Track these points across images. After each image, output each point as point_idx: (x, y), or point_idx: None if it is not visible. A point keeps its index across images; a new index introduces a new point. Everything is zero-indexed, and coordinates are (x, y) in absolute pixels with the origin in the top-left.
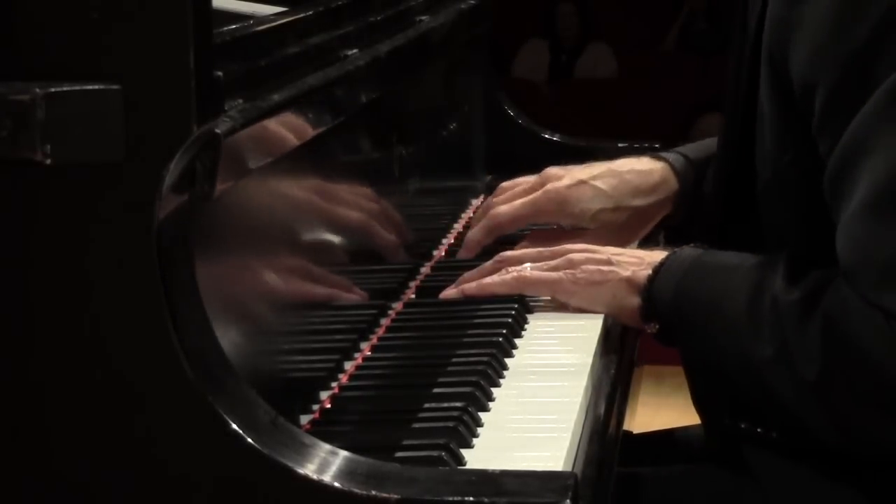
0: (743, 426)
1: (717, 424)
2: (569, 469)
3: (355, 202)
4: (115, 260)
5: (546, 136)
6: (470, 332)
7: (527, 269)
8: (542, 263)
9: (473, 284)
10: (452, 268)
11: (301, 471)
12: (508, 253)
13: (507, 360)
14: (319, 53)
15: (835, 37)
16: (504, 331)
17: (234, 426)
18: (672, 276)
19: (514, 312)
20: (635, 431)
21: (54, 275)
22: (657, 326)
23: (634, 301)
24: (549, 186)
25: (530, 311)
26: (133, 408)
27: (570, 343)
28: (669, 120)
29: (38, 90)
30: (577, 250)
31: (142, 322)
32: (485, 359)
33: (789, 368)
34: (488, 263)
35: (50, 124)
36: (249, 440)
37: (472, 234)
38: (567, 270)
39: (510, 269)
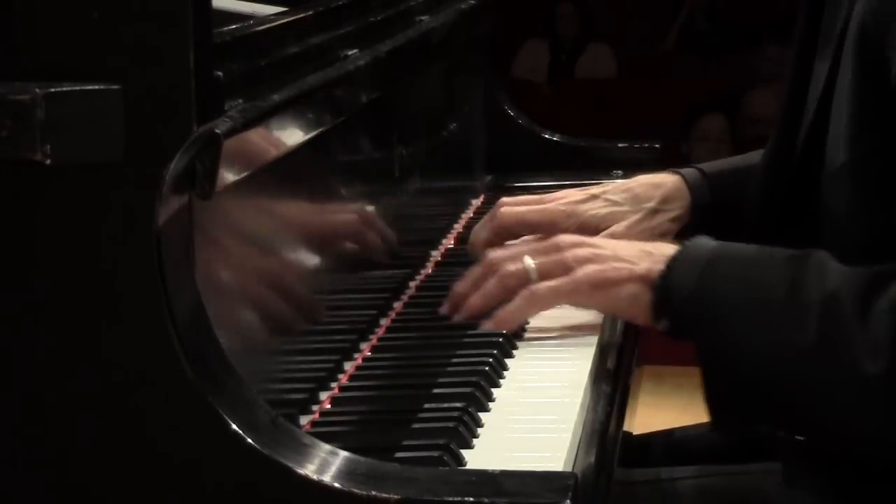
0: (763, 429)
1: (730, 426)
2: (569, 469)
3: (355, 202)
4: (115, 260)
5: (546, 136)
6: (470, 332)
7: (538, 285)
8: (546, 261)
9: (491, 323)
10: (452, 268)
11: (301, 471)
12: (497, 253)
13: (508, 361)
14: (319, 53)
15: None
16: (504, 331)
17: (234, 426)
18: (691, 267)
19: None
20: (635, 432)
21: (54, 275)
22: (668, 323)
23: (649, 297)
24: (560, 201)
25: None
26: (133, 408)
27: (570, 343)
28: (669, 120)
29: (38, 90)
30: (573, 243)
31: (142, 322)
32: (485, 359)
33: (844, 361)
34: (477, 270)
35: (50, 124)
36: (249, 440)
37: (478, 231)
38: (577, 273)
39: (510, 271)
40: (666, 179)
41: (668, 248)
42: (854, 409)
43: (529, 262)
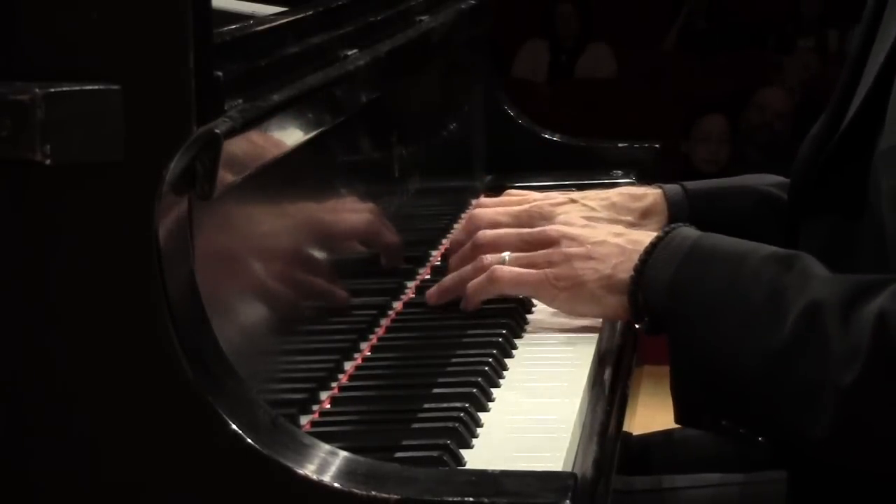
0: (723, 423)
1: (693, 420)
2: (569, 469)
3: (355, 202)
4: (115, 260)
5: (546, 136)
6: (470, 332)
7: (503, 266)
8: (521, 255)
9: (463, 302)
10: None
11: (301, 471)
12: (486, 234)
13: (507, 361)
14: (319, 53)
15: None
16: (504, 331)
17: (234, 426)
18: (667, 263)
19: (514, 313)
20: (635, 432)
21: (54, 275)
22: (646, 320)
23: (615, 300)
24: (535, 203)
25: (530, 311)
26: (133, 408)
27: (570, 343)
28: (669, 120)
29: (38, 90)
30: (555, 237)
31: (142, 322)
32: (485, 359)
33: (817, 366)
34: (465, 248)
35: (50, 124)
36: (249, 440)
37: (456, 237)
38: (545, 270)
39: (486, 262)
40: (647, 193)
41: (646, 239)
42: (814, 414)
43: (506, 256)
